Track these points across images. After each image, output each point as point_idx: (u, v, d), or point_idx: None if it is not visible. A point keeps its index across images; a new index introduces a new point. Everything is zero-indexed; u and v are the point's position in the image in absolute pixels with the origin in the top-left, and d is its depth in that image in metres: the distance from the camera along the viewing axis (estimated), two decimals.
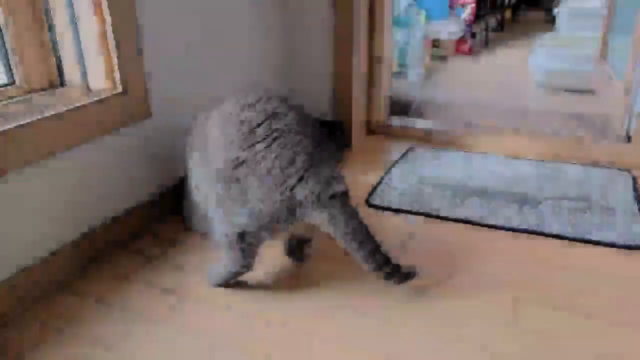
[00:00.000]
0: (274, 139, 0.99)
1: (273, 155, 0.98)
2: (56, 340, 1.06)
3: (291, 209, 0.99)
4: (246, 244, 1.09)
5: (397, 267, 1.10)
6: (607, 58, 2.58)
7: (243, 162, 1.01)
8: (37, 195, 1.16)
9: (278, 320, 1.10)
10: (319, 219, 1.01)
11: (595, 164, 1.81)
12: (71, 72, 1.30)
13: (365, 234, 1.06)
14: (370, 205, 1.57)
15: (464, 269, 1.26)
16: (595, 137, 2.11)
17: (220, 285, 1.20)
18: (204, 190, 1.15)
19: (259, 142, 1.00)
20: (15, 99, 1.19)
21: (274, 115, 1.03)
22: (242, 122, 1.03)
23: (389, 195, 1.62)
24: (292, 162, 0.98)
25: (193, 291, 1.20)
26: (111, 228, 1.34)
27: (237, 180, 1.02)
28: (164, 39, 1.42)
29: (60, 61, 1.29)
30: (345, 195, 1.04)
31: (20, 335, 1.07)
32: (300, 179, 0.98)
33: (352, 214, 1.04)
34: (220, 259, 1.17)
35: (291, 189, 0.98)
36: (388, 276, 1.09)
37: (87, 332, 1.08)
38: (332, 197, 1.00)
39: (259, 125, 1.01)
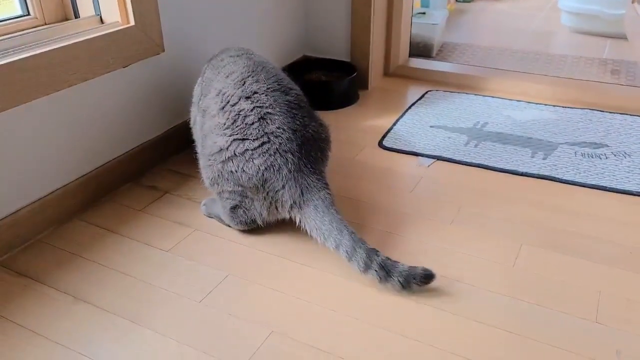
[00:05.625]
0: (263, 143, 1.09)
1: (263, 159, 1.08)
2: (73, 264, 1.11)
3: (274, 207, 1.12)
4: (239, 215, 1.17)
5: (388, 265, 1.01)
6: None
7: (232, 156, 1.10)
8: (53, 128, 1.18)
9: (292, 255, 1.14)
10: (297, 219, 1.11)
11: (621, 110, 1.76)
12: (85, 4, 1.30)
13: (339, 230, 1.04)
14: (384, 148, 1.57)
15: (471, 213, 1.27)
16: (623, 83, 2.05)
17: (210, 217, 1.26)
18: (199, 149, 1.25)
19: (249, 140, 1.09)
20: (29, 31, 1.20)
21: (266, 116, 1.10)
22: (237, 114, 1.12)
23: (402, 138, 1.62)
24: (278, 169, 1.08)
25: (206, 223, 1.23)
26: (125, 161, 1.38)
27: (228, 172, 1.12)
28: None
29: None
30: (322, 199, 1.08)
31: (39, 259, 1.12)
32: (283, 187, 1.09)
33: (325, 214, 1.07)
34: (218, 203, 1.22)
35: (275, 192, 1.10)
36: (382, 278, 1.01)
37: (103, 258, 1.12)
38: (308, 201, 1.08)
39: (252, 123, 1.10)
